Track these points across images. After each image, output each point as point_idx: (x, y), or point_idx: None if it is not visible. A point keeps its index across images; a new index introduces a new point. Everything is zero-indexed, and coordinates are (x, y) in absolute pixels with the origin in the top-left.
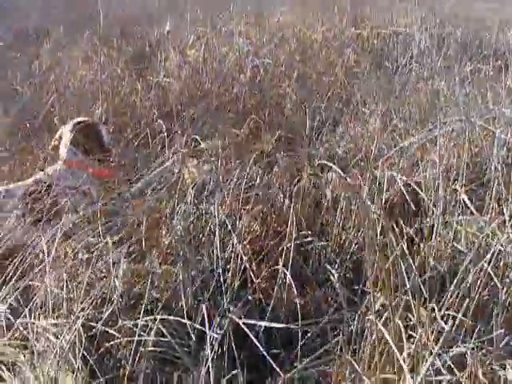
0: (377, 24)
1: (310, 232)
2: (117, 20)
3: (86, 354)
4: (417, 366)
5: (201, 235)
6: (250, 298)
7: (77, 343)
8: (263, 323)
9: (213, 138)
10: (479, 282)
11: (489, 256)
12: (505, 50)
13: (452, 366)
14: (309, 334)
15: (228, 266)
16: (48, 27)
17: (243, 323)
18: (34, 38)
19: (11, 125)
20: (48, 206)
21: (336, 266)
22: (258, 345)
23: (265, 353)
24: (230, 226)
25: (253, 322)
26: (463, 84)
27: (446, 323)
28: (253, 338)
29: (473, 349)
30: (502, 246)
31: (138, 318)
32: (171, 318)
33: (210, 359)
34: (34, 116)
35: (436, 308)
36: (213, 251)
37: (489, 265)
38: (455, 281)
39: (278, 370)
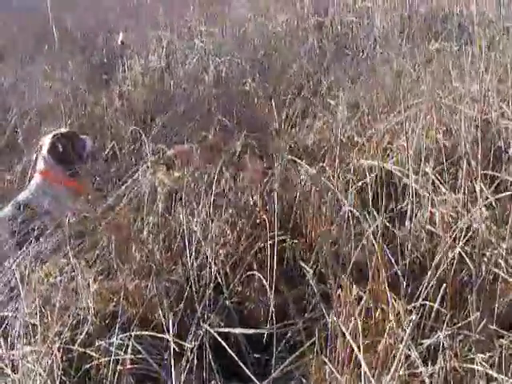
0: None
1: (283, 231)
2: (74, 33)
3: (64, 378)
4: (392, 360)
5: (172, 245)
6: (227, 303)
7: (55, 368)
8: (237, 330)
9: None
10: (454, 264)
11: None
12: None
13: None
14: (288, 335)
15: (202, 274)
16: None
17: (217, 332)
18: None
19: None
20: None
21: (311, 262)
22: (232, 353)
23: (239, 361)
24: (199, 234)
25: (226, 330)
26: (428, 64)
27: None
28: (226, 346)
29: (450, 337)
30: (472, 222)
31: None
32: (145, 333)
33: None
34: None
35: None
36: (186, 261)
37: (465, 245)
38: (432, 265)
39: (253, 378)
